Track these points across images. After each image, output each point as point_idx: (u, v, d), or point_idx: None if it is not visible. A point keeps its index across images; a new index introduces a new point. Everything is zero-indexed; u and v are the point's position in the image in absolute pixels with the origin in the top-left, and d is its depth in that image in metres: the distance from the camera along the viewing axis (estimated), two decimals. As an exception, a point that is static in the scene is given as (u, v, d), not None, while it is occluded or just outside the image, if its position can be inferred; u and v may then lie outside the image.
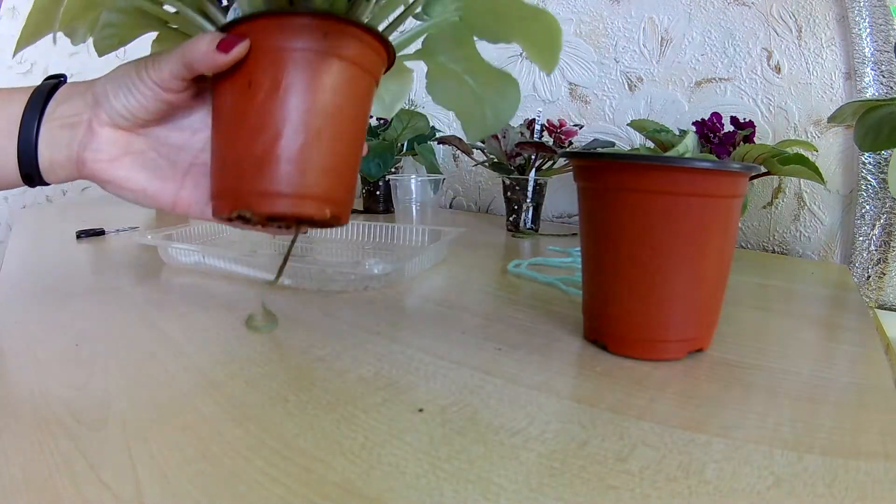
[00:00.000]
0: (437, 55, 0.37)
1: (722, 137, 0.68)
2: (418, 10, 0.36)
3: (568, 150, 0.70)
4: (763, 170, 0.62)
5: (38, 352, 0.38)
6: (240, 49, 0.30)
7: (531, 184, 0.85)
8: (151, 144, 0.36)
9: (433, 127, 1.09)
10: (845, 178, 0.78)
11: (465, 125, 0.38)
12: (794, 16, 0.80)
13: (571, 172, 0.52)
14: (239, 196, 0.29)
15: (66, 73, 0.37)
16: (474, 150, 0.94)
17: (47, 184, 0.36)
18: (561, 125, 0.86)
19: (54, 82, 0.36)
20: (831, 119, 0.66)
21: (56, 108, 0.35)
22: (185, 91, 0.33)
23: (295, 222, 0.31)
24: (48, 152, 0.35)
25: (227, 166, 0.30)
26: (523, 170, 0.87)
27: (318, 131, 0.29)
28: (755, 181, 0.80)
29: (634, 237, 0.37)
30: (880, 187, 0.72)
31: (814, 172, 0.57)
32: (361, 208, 1.09)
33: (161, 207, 0.36)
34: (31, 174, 0.35)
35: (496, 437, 0.28)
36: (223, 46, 0.30)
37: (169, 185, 0.36)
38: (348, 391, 0.33)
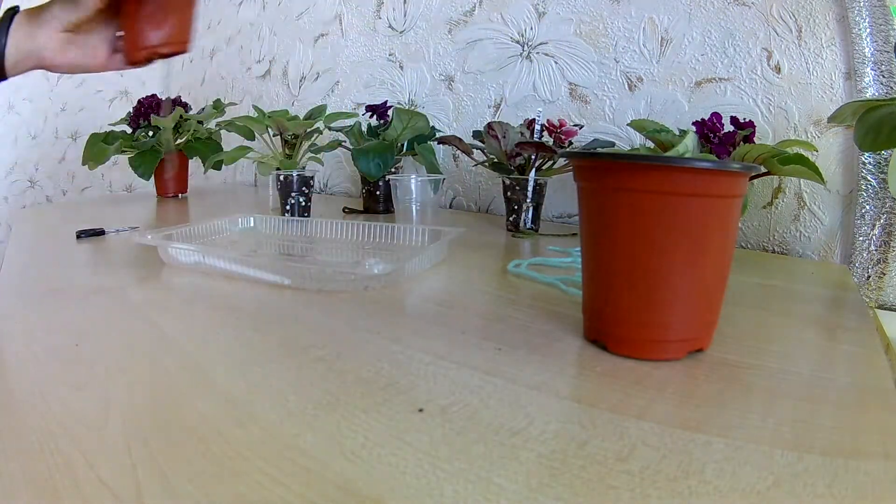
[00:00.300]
0: None
1: (722, 137, 0.68)
2: None
3: (568, 150, 0.70)
4: (763, 170, 0.62)
5: (38, 352, 0.38)
6: None
7: (531, 184, 0.85)
8: (85, 35, 0.51)
9: (433, 127, 1.10)
10: (845, 178, 0.78)
11: None
12: (794, 16, 0.80)
13: (571, 172, 0.52)
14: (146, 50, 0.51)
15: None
16: (474, 150, 0.94)
17: (6, 78, 0.50)
18: (561, 125, 0.86)
19: (13, 12, 0.50)
20: (831, 119, 0.66)
21: (19, 29, 0.49)
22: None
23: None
24: (13, 60, 0.49)
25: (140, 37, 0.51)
26: (523, 170, 0.87)
27: None
28: (755, 181, 0.80)
29: (634, 237, 0.37)
30: (880, 187, 0.72)
31: (814, 172, 0.57)
32: (361, 208, 1.09)
33: (94, 71, 0.54)
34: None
35: (496, 437, 0.28)
36: None
37: (100, 55, 0.53)
38: (348, 391, 0.33)
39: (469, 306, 0.50)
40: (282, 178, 0.94)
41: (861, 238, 0.74)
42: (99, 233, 0.81)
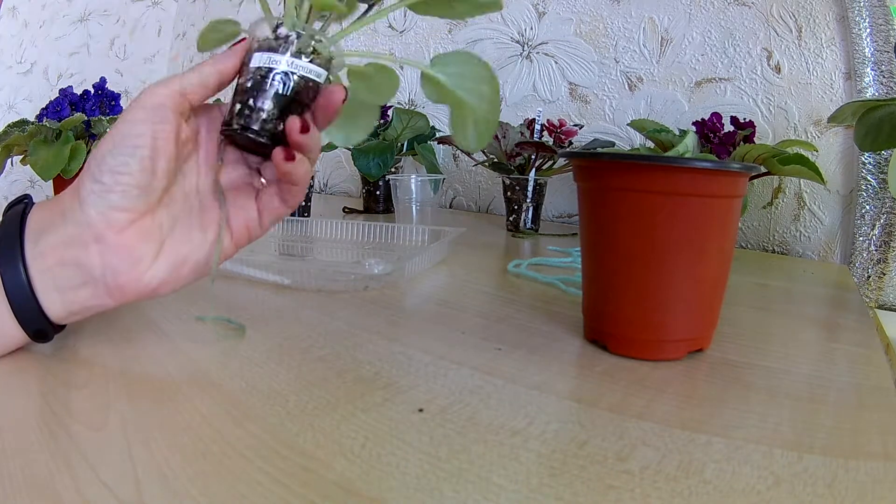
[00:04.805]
0: None
1: (722, 137, 0.68)
2: None
3: (568, 150, 0.70)
4: (763, 170, 0.62)
5: (39, 351, 0.38)
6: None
7: (531, 184, 0.85)
8: (176, 205, 0.34)
9: (433, 127, 1.09)
10: (845, 178, 0.78)
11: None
12: (794, 16, 0.80)
13: (571, 172, 0.52)
14: None
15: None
16: (474, 150, 0.94)
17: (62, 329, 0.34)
18: (561, 125, 0.86)
19: (19, 213, 0.32)
20: (831, 119, 0.66)
21: (39, 243, 0.31)
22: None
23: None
24: (59, 299, 0.31)
25: None
26: (523, 170, 0.87)
27: None
28: (755, 181, 0.80)
29: (634, 237, 0.37)
30: (880, 187, 0.72)
31: (814, 172, 0.57)
32: (361, 208, 1.09)
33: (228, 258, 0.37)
34: (43, 330, 0.32)
35: (496, 437, 0.28)
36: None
37: (210, 231, 0.35)
38: (348, 391, 0.33)
39: (469, 306, 0.50)
40: (282, 178, 0.94)
41: (861, 238, 0.74)
42: (99, 233, 0.81)
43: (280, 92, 0.33)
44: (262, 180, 0.37)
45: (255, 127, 0.33)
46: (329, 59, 0.35)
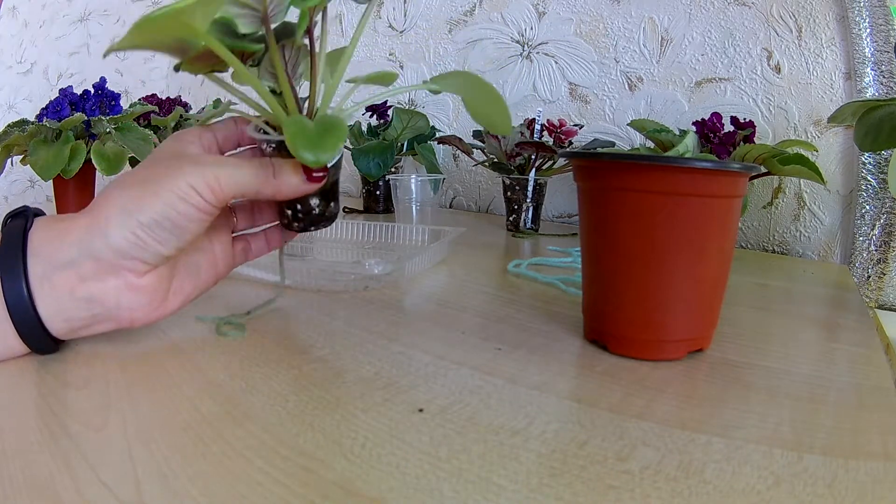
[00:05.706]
0: None
1: (722, 137, 0.68)
2: None
3: (568, 150, 0.70)
4: (763, 170, 0.62)
5: (38, 352, 0.38)
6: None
7: (531, 184, 0.85)
8: (189, 250, 0.37)
9: (433, 127, 1.10)
10: (845, 178, 0.78)
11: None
12: (794, 16, 0.80)
13: (571, 172, 0.52)
14: None
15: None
16: (474, 150, 0.94)
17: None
18: (561, 125, 0.86)
19: (21, 228, 0.31)
20: (831, 119, 0.66)
21: (49, 269, 0.31)
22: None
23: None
24: (65, 326, 0.33)
25: None
26: (523, 170, 0.87)
27: None
28: (755, 181, 0.80)
29: (634, 237, 0.37)
30: (880, 187, 0.72)
31: (814, 172, 0.57)
32: (361, 208, 1.09)
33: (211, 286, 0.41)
34: (46, 347, 0.34)
35: (496, 437, 0.28)
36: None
37: (212, 269, 0.40)
38: (348, 391, 0.33)
39: (469, 306, 0.50)
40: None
41: (861, 238, 0.74)
42: (99, 233, 0.81)
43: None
44: (235, 218, 0.42)
45: (320, 221, 0.41)
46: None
